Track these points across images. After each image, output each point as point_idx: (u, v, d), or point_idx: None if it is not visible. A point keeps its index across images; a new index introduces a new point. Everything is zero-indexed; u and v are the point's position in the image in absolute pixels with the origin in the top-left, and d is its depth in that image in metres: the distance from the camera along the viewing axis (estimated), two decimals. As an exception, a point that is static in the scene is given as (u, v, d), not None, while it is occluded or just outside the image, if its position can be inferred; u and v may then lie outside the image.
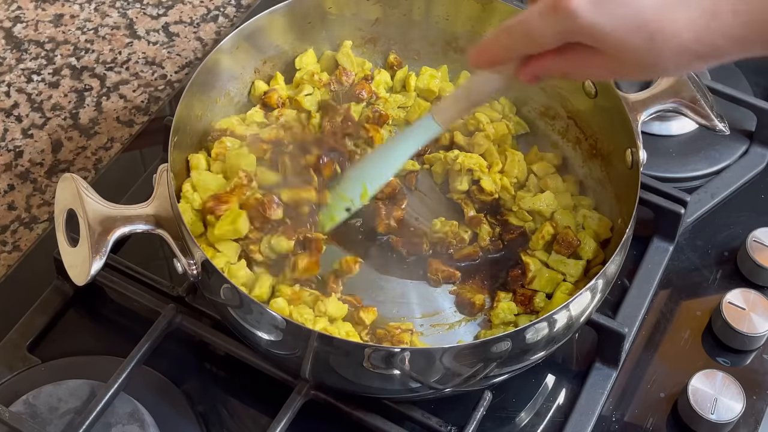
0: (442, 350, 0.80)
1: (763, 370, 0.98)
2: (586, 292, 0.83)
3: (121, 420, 0.89)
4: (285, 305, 0.88)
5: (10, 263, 1.04)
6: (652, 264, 1.04)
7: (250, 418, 0.93)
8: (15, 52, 1.24)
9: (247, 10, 1.30)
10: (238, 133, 0.99)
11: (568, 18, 0.67)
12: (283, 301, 0.88)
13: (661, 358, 0.98)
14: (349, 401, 0.89)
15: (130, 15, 1.29)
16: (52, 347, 0.96)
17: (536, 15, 0.69)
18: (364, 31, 1.09)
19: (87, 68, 1.23)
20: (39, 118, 1.17)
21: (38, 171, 1.13)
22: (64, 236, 0.85)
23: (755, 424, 0.93)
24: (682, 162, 1.13)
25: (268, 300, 0.90)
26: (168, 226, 0.84)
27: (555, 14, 0.68)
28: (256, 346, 0.88)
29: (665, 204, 1.04)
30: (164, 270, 1.00)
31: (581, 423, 0.92)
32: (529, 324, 0.81)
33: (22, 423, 0.87)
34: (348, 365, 0.83)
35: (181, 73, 1.23)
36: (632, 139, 0.93)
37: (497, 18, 1.04)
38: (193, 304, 0.95)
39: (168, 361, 0.94)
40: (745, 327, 0.97)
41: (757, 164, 1.14)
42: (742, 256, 1.04)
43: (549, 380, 0.97)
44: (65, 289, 0.99)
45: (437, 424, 0.88)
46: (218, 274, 0.82)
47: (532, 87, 1.05)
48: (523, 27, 0.71)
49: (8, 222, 1.08)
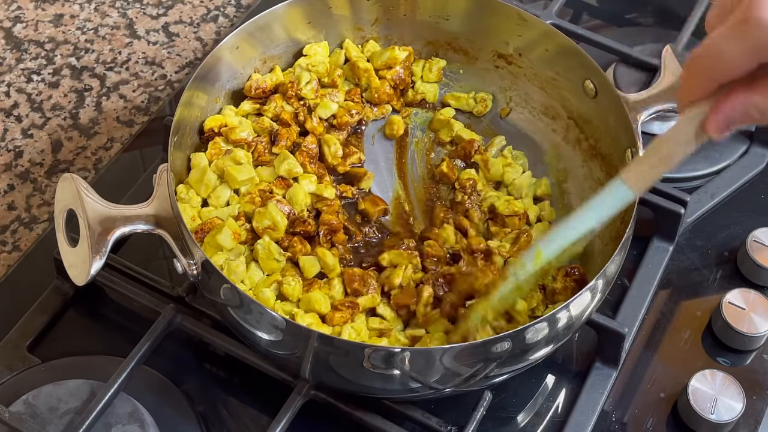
0: (442, 350, 0.80)
1: (763, 370, 0.98)
2: (586, 292, 0.83)
3: (121, 420, 0.89)
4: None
5: (10, 263, 1.04)
6: (652, 264, 1.04)
7: (250, 418, 0.93)
8: (15, 52, 1.24)
9: (247, 10, 1.30)
10: (231, 127, 0.99)
11: (760, 28, 0.60)
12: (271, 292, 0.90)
13: (661, 358, 0.98)
14: (349, 401, 0.89)
15: (130, 15, 1.29)
16: (52, 347, 0.96)
17: (726, 30, 0.62)
18: (364, 31, 1.09)
19: (87, 68, 1.23)
20: (39, 118, 1.17)
21: (38, 171, 1.13)
22: (64, 236, 0.85)
23: (755, 424, 0.93)
24: (682, 162, 1.13)
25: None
26: (168, 226, 0.84)
27: (745, 27, 0.60)
28: (256, 346, 0.88)
29: (665, 204, 1.04)
30: (164, 270, 1.00)
31: (581, 423, 0.92)
32: (529, 324, 0.80)
33: (22, 423, 0.87)
34: (348, 365, 0.83)
35: (181, 73, 1.23)
36: (632, 139, 0.93)
37: (497, 18, 1.04)
38: (193, 304, 0.95)
39: (168, 361, 0.94)
40: (745, 327, 0.97)
41: (757, 164, 1.14)
42: (742, 256, 1.04)
43: (549, 380, 0.97)
44: (65, 289, 0.99)
45: (437, 424, 0.88)
46: (218, 274, 0.82)
47: (532, 88, 1.06)
48: (712, 48, 0.63)
49: (8, 222, 1.08)
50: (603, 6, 1.34)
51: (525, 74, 1.07)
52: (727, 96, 0.65)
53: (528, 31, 1.03)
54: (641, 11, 1.33)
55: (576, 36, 1.16)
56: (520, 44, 1.05)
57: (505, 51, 1.06)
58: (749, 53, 0.62)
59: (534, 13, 1.07)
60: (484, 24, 1.06)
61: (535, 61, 1.05)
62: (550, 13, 1.20)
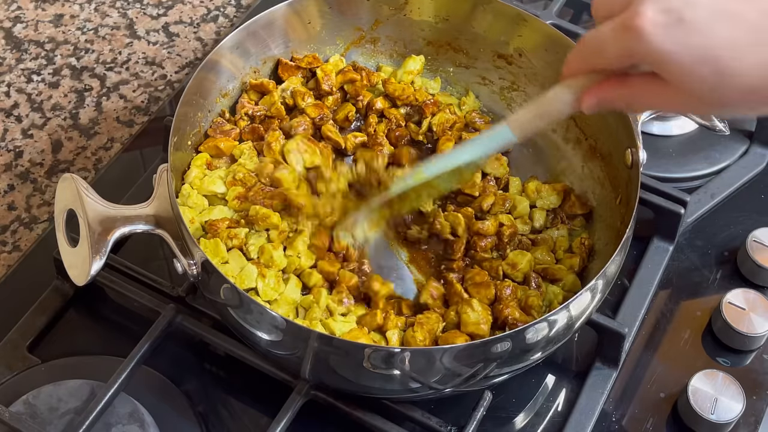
0: (442, 350, 0.80)
1: (763, 370, 0.98)
2: (586, 292, 0.83)
3: (121, 420, 0.89)
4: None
5: (10, 263, 1.04)
6: (652, 264, 1.04)
7: (250, 418, 0.93)
8: (15, 52, 1.24)
9: (247, 10, 1.30)
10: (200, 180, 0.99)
11: (637, 38, 0.66)
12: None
13: (661, 358, 0.98)
14: (349, 401, 0.89)
15: (130, 15, 1.29)
16: (52, 347, 0.96)
17: (609, 29, 0.69)
18: (364, 31, 1.09)
19: (87, 68, 1.23)
20: (39, 118, 1.17)
21: (38, 171, 1.13)
22: (64, 236, 0.85)
23: (755, 424, 0.93)
24: (682, 162, 1.13)
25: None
26: (168, 226, 0.84)
27: (626, 32, 0.67)
28: (256, 346, 0.88)
29: (665, 204, 1.04)
30: (164, 270, 1.00)
31: (581, 423, 0.92)
32: (529, 324, 0.80)
33: (22, 423, 0.87)
34: (348, 365, 0.83)
35: (181, 73, 1.23)
36: (632, 139, 0.93)
37: (497, 18, 1.04)
38: (193, 304, 0.95)
39: (168, 361, 0.94)
40: (745, 327, 0.97)
41: (757, 164, 1.14)
42: (742, 256, 1.04)
43: (549, 380, 0.97)
44: (65, 289, 0.99)
45: (437, 424, 0.88)
46: (218, 274, 0.82)
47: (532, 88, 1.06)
48: (596, 40, 0.71)
49: (8, 222, 1.08)
50: (603, 6, 1.34)
51: (525, 74, 1.07)
52: (601, 85, 0.74)
53: (528, 31, 1.03)
54: (641, 11, 1.33)
55: (576, 36, 1.15)
56: (520, 44, 1.05)
57: (505, 51, 1.06)
58: (625, 56, 0.69)
59: (534, 13, 1.07)
60: (484, 24, 1.06)
61: (535, 61, 1.05)
62: (550, 13, 1.20)
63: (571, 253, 0.97)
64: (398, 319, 0.91)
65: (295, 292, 0.92)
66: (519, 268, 0.95)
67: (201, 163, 0.98)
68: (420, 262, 0.99)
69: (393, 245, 1.00)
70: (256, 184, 0.97)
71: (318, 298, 0.91)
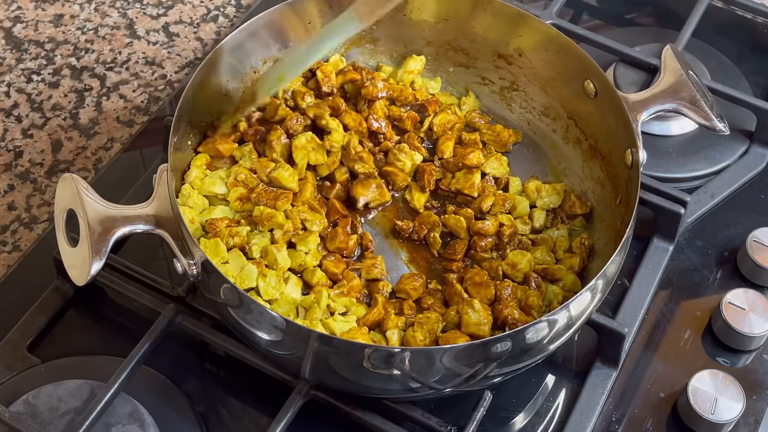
0: (442, 350, 0.80)
1: (763, 370, 0.98)
2: (586, 292, 0.83)
3: (121, 420, 0.89)
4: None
5: (10, 263, 1.04)
6: (652, 264, 1.04)
7: (250, 418, 0.93)
8: (15, 52, 1.24)
9: (247, 10, 1.30)
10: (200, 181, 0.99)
11: None
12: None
13: (661, 358, 0.98)
14: (349, 401, 0.89)
15: (130, 15, 1.29)
16: (52, 347, 0.96)
17: None
18: (364, 31, 1.09)
19: (87, 68, 1.23)
20: (39, 118, 1.17)
21: (38, 171, 1.13)
22: (64, 236, 0.85)
23: (755, 424, 0.93)
24: (682, 162, 1.13)
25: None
26: (168, 226, 0.84)
27: None
28: (256, 346, 0.88)
29: (665, 204, 1.04)
30: (164, 270, 1.00)
31: (581, 423, 0.92)
32: (529, 324, 0.80)
33: (22, 423, 0.86)
34: (348, 365, 0.83)
35: (181, 73, 1.23)
36: (632, 139, 0.93)
37: (497, 18, 1.04)
38: (193, 304, 0.95)
39: (168, 361, 0.94)
40: (745, 327, 0.97)
41: (757, 164, 1.14)
42: (742, 256, 1.04)
43: (549, 380, 0.97)
44: (65, 289, 0.99)
45: (437, 424, 0.88)
46: (218, 273, 0.82)
47: (532, 88, 1.06)
48: None
49: (8, 222, 1.08)
50: (603, 6, 1.34)
51: (525, 74, 1.07)
52: None
53: (528, 31, 1.03)
54: (641, 11, 1.33)
55: (576, 36, 1.16)
56: (520, 44, 1.05)
57: (505, 51, 1.06)
58: None
59: (534, 13, 1.07)
60: (484, 24, 1.06)
61: (535, 61, 1.05)
62: (550, 13, 1.20)
63: (571, 253, 0.97)
64: (398, 319, 0.91)
65: (295, 292, 0.92)
66: (519, 268, 0.95)
67: (201, 164, 0.98)
68: (420, 262, 0.99)
69: (393, 245, 1.00)
70: (259, 185, 0.97)
71: (319, 298, 0.91)
